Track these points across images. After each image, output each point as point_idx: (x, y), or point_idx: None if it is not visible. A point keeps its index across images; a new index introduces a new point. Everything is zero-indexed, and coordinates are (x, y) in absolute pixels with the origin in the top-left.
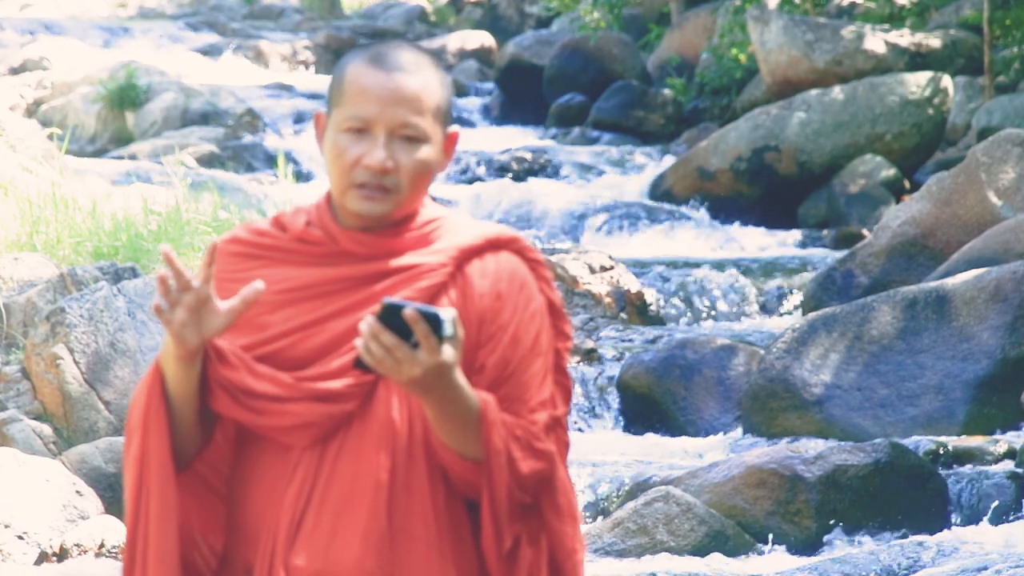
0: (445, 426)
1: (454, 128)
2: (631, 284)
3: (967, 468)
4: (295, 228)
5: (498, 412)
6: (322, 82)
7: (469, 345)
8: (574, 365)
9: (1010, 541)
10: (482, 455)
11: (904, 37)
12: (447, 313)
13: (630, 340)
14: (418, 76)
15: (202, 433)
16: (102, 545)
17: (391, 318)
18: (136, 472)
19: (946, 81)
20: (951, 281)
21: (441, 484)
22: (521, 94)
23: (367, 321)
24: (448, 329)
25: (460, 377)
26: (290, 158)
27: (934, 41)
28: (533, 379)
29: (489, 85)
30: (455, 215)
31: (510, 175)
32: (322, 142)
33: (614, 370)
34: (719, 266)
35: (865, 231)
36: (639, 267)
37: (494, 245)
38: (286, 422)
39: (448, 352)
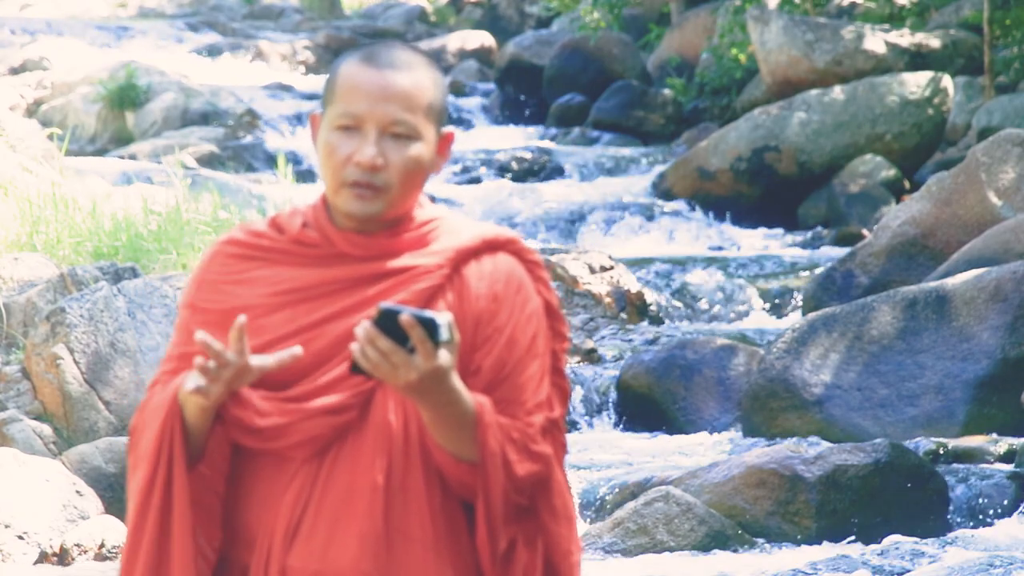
0: (441, 429)
1: (449, 128)
2: (631, 284)
3: (967, 468)
4: (291, 229)
5: (494, 415)
6: (322, 82)
7: (465, 347)
8: (574, 365)
9: (1010, 541)
10: (478, 457)
11: (904, 37)
12: (443, 318)
13: (630, 340)
14: (410, 74)
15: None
16: (102, 545)
17: (387, 323)
18: (154, 499)
19: (946, 81)
20: (951, 281)
21: (438, 486)
22: (521, 94)
23: (363, 326)
24: (444, 334)
25: (456, 381)
26: (290, 158)
27: (934, 41)
28: (530, 381)
29: (489, 85)
30: (452, 215)
31: (510, 175)
32: (316, 142)
33: (614, 370)
34: (719, 266)
35: (865, 231)
36: (639, 267)
37: (491, 246)
38: (293, 440)
39: (444, 357)
